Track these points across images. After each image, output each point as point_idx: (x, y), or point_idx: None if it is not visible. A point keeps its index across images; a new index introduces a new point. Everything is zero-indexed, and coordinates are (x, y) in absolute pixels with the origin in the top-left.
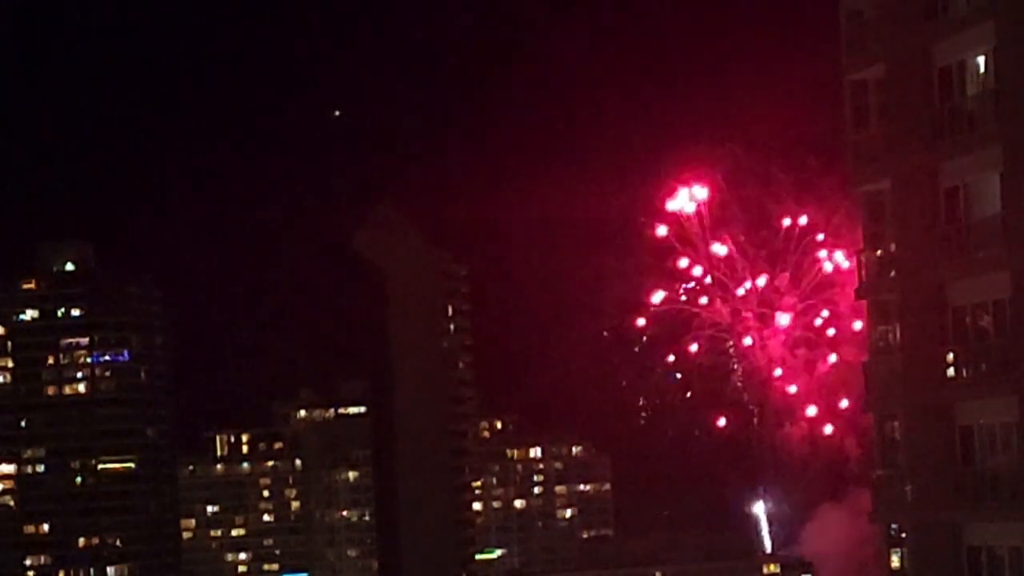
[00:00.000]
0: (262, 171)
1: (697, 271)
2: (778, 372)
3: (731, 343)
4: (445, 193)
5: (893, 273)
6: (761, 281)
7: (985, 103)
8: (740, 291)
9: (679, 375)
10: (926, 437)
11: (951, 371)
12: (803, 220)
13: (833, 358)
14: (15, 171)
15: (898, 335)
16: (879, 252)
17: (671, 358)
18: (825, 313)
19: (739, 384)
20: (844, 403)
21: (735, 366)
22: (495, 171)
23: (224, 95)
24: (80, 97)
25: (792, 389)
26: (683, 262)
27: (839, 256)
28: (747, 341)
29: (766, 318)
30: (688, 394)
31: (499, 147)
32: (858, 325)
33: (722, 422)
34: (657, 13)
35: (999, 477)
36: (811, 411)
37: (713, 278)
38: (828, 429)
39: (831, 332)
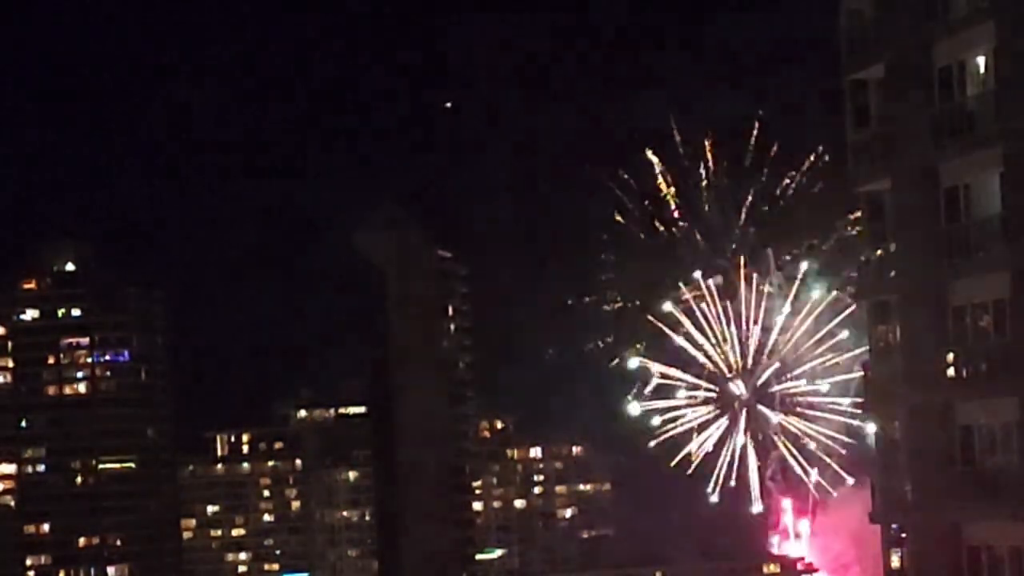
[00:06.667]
0: (262, 171)
1: None
2: None
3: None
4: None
5: (893, 273)
6: None
7: (985, 103)
8: None
9: None
10: (926, 437)
11: (951, 371)
12: None
13: None
14: (15, 171)
15: (898, 335)
16: (879, 252)
17: None
18: None
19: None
20: None
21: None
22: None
23: (224, 94)
24: (80, 97)
25: None
26: None
27: None
28: None
29: None
30: None
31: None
32: None
33: None
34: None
35: (999, 477)
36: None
37: None
38: None
39: None
